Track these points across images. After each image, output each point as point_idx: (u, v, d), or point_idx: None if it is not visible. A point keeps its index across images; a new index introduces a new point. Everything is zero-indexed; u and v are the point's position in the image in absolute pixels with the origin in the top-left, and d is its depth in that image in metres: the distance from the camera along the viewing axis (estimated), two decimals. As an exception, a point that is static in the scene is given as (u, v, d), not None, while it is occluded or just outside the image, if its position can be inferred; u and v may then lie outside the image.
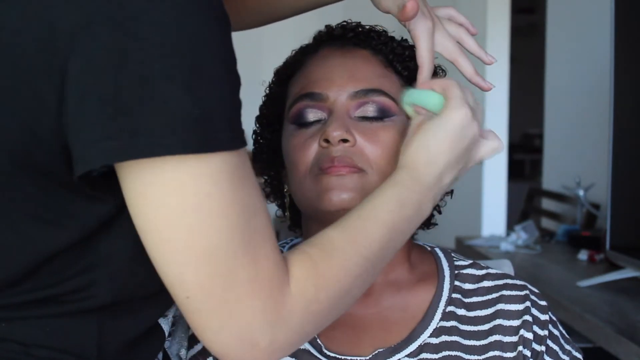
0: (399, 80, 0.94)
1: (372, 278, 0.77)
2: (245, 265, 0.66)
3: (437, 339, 0.90)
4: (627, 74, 1.91)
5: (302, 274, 0.70)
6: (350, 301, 0.75)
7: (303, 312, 0.69)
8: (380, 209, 0.78)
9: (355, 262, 0.74)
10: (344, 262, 0.73)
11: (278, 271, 0.68)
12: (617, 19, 1.92)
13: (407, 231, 0.81)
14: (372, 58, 0.95)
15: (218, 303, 0.66)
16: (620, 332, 1.60)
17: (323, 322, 0.74)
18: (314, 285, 0.70)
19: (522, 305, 0.93)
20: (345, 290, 0.73)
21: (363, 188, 0.87)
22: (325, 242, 0.75)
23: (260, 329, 0.67)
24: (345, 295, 0.73)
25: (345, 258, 0.73)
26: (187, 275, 0.65)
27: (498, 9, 3.10)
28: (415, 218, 0.81)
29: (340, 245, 0.74)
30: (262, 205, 0.70)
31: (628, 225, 1.93)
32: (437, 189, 0.82)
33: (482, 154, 0.85)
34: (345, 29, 0.98)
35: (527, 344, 0.91)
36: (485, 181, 3.14)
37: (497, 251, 2.49)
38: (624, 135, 1.92)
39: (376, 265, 0.77)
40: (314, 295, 0.70)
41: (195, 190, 0.63)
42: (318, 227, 0.92)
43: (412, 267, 0.96)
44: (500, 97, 3.12)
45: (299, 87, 0.94)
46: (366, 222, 0.77)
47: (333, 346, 0.89)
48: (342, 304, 0.74)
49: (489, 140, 0.86)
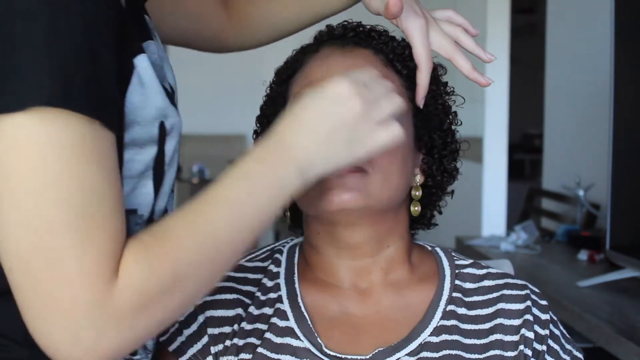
0: (399, 80, 0.94)
1: (224, 261, 0.72)
2: (71, 246, 0.63)
3: (437, 338, 0.90)
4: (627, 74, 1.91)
5: (131, 262, 0.66)
6: (195, 288, 0.71)
7: (132, 301, 0.65)
8: (223, 187, 0.72)
9: (193, 245, 0.69)
10: (178, 245, 0.68)
11: (109, 258, 0.65)
12: (617, 19, 1.92)
13: (264, 208, 0.73)
14: (373, 57, 0.95)
15: (37, 281, 0.63)
16: (620, 332, 1.60)
17: (160, 314, 0.68)
18: (142, 271, 0.66)
19: (522, 305, 0.93)
20: (182, 276, 0.68)
21: (365, 188, 0.87)
22: (162, 227, 0.70)
23: (82, 321, 0.64)
24: (182, 281, 0.69)
25: (180, 241, 0.69)
26: (8, 243, 0.63)
27: (498, 9, 3.10)
28: (274, 193, 0.73)
29: (176, 229, 0.70)
30: (113, 196, 0.67)
31: (628, 225, 1.93)
32: (304, 161, 0.74)
33: (378, 140, 0.77)
34: (346, 29, 0.98)
35: (529, 343, 0.91)
36: (485, 181, 3.14)
37: (497, 251, 2.49)
38: (624, 135, 1.92)
39: (225, 246, 0.71)
40: (143, 283, 0.66)
41: (30, 152, 0.62)
42: (319, 227, 0.93)
43: (412, 268, 0.96)
44: (500, 97, 3.12)
45: (299, 87, 0.94)
46: (207, 202, 0.72)
47: (333, 345, 0.89)
48: (181, 292, 0.69)
49: (388, 127, 0.77)
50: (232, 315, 0.92)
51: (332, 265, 0.94)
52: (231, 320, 0.91)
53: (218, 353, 0.90)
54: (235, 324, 0.91)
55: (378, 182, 0.88)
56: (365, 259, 0.93)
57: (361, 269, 0.94)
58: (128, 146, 0.75)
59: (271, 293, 0.94)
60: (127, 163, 0.75)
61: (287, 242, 1.02)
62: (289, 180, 0.74)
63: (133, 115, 0.74)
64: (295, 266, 0.97)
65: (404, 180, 0.92)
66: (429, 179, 0.98)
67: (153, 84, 0.76)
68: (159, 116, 0.77)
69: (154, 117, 0.76)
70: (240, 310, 0.92)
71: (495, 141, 3.13)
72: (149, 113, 0.76)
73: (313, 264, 0.96)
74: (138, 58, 0.75)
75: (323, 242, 0.94)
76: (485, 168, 3.13)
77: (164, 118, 0.78)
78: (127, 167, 0.75)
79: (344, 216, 0.88)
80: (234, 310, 0.92)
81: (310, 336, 0.89)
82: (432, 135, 0.96)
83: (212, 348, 0.90)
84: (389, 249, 0.94)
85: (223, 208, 0.72)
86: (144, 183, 0.79)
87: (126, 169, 0.75)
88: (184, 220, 0.71)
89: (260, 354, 0.88)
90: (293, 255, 0.98)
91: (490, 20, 3.10)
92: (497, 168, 3.14)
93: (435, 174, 0.98)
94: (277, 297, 0.93)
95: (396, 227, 0.95)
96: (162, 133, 0.78)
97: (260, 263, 0.98)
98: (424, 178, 0.97)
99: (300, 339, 0.89)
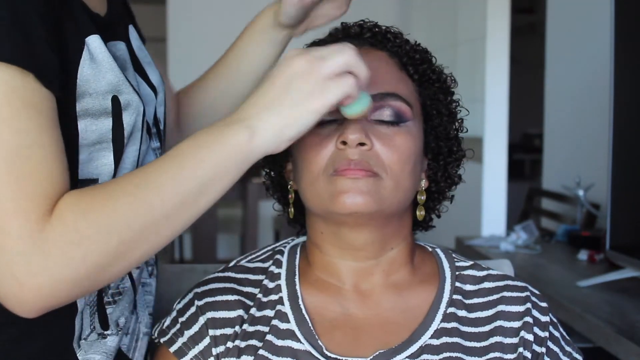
0: (412, 85, 0.94)
1: (169, 213, 0.75)
2: (5, 183, 0.70)
3: (438, 341, 0.90)
4: (627, 74, 1.91)
5: (64, 204, 0.72)
6: (134, 236, 0.74)
7: (62, 236, 0.70)
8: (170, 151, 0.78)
9: (131, 191, 0.74)
10: (116, 191, 0.74)
11: (43, 197, 0.71)
12: (617, 19, 1.92)
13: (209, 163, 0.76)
14: (389, 60, 0.95)
15: None
16: (620, 332, 1.60)
17: (96, 256, 0.72)
18: (73, 212, 0.71)
19: (522, 307, 0.93)
20: (117, 218, 0.72)
21: (377, 192, 0.87)
22: (106, 182, 0.78)
23: (16, 256, 0.69)
24: (118, 224, 0.72)
25: (118, 188, 0.74)
26: None
27: (498, 9, 3.10)
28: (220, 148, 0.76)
29: (117, 181, 0.76)
30: (49, 143, 0.73)
31: (628, 225, 1.93)
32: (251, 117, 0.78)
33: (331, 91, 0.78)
34: (363, 29, 0.98)
35: (528, 345, 0.91)
36: (485, 181, 3.14)
37: (497, 251, 2.49)
38: (624, 135, 1.92)
39: (168, 197, 0.74)
40: (75, 220, 0.71)
41: None
42: (324, 226, 0.93)
43: (414, 269, 0.96)
44: (500, 97, 3.12)
45: None
46: (153, 163, 0.77)
47: (334, 347, 0.89)
48: (118, 236, 0.72)
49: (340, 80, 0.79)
50: (233, 316, 0.92)
51: (334, 265, 0.94)
52: (232, 322, 0.91)
53: (219, 354, 0.90)
54: (236, 326, 0.91)
55: (390, 187, 0.88)
56: (368, 260, 0.93)
57: (363, 270, 0.94)
58: (81, 116, 0.81)
59: (272, 295, 0.94)
60: (82, 132, 0.81)
61: (288, 243, 1.02)
62: (236, 136, 0.77)
63: (85, 87, 0.81)
64: (297, 267, 0.97)
65: (414, 185, 0.93)
66: (432, 184, 0.98)
67: (105, 61, 0.84)
68: (112, 90, 0.84)
69: (105, 90, 0.83)
70: (242, 311, 0.92)
71: (495, 141, 3.13)
72: (99, 86, 0.82)
73: (315, 263, 0.96)
74: (90, 38, 0.83)
75: (326, 242, 0.94)
76: (485, 168, 3.13)
77: (117, 93, 0.84)
78: (83, 136, 0.82)
79: (353, 219, 0.88)
80: (235, 311, 0.92)
81: (311, 339, 0.89)
82: (439, 143, 0.97)
83: (214, 349, 0.90)
84: (392, 251, 0.94)
85: (163, 162, 0.76)
86: (103, 154, 0.84)
87: (82, 138, 0.81)
88: (126, 175, 0.77)
89: (261, 356, 0.88)
90: (294, 256, 0.98)
91: (490, 20, 3.10)
92: (497, 168, 3.15)
93: (440, 180, 0.98)
94: (278, 298, 0.93)
95: (400, 230, 0.95)
96: (117, 107, 0.84)
97: (261, 264, 0.98)
98: (428, 183, 0.97)
99: (301, 341, 0.89)
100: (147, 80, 0.97)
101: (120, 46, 0.92)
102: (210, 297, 0.93)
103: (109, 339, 0.90)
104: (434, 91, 0.96)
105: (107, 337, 0.90)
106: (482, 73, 3.12)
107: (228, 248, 4.45)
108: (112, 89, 0.84)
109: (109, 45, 0.88)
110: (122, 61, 0.91)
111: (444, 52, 3.51)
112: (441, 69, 0.99)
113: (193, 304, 0.93)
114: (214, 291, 0.94)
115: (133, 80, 0.91)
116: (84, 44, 0.82)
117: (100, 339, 0.90)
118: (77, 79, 0.80)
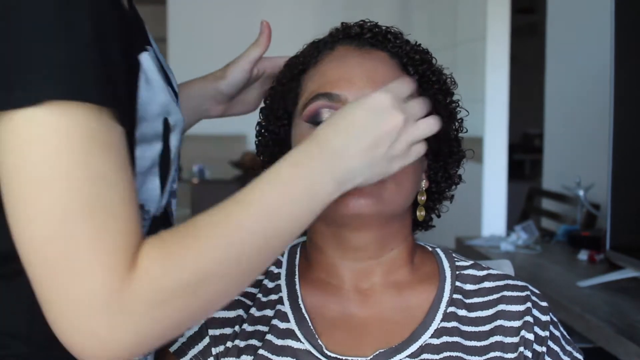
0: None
1: (250, 268, 0.70)
2: (85, 235, 0.62)
3: (438, 340, 0.90)
4: (627, 74, 1.91)
5: (149, 255, 0.65)
6: (217, 292, 0.68)
7: (148, 295, 0.64)
8: (255, 190, 0.71)
9: (217, 246, 0.67)
10: (201, 244, 0.67)
11: (125, 250, 0.64)
12: (617, 19, 1.92)
13: (296, 216, 0.71)
14: (390, 61, 0.94)
15: (53, 273, 0.62)
16: (620, 332, 1.60)
17: (178, 313, 0.66)
18: (162, 266, 0.65)
19: (523, 306, 0.93)
20: (203, 276, 0.66)
21: (380, 195, 0.87)
22: (184, 226, 0.69)
23: (97, 314, 0.62)
24: (203, 281, 0.66)
25: (203, 241, 0.67)
26: (24, 237, 0.63)
27: (498, 9, 3.10)
28: (307, 200, 0.72)
29: (200, 228, 0.68)
30: (124, 187, 0.66)
31: (628, 225, 1.93)
32: (344, 170, 0.74)
33: (409, 156, 0.79)
34: (363, 29, 0.97)
35: (528, 345, 0.91)
36: (485, 181, 3.14)
37: (497, 251, 2.49)
38: (624, 135, 1.92)
39: (252, 251, 0.69)
40: (160, 278, 0.64)
41: (43, 145, 0.63)
42: (324, 227, 0.93)
43: (414, 269, 0.96)
44: (500, 97, 3.12)
45: (315, 85, 0.93)
46: (237, 204, 0.70)
47: (334, 347, 0.89)
48: (203, 293, 0.67)
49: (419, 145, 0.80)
50: (233, 316, 0.92)
51: (334, 265, 0.94)
52: (232, 322, 0.91)
53: (219, 354, 0.90)
54: (236, 325, 0.91)
55: (393, 189, 0.88)
56: (369, 260, 0.93)
57: (363, 270, 0.94)
58: (139, 142, 0.75)
59: (272, 294, 0.94)
60: (139, 160, 0.76)
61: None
62: (325, 189, 0.73)
63: (141, 111, 0.75)
64: (296, 267, 0.97)
65: (415, 186, 0.93)
66: (432, 185, 0.98)
67: (157, 81, 0.77)
68: (163, 112, 0.78)
69: (158, 113, 0.77)
70: (241, 311, 0.92)
71: (495, 141, 3.13)
72: (154, 109, 0.77)
73: (314, 263, 0.96)
74: (142, 56, 0.76)
75: (326, 242, 0.94)
76: (485, 168, 3.13)
77: (167, 114, 0.79)
78: (139, 163, 0.76)
79: (356, 220, 0.88)
80: (235, 311, 0.92)
81: (311, 338, 0.89)
82: (439, 143, 0.97)
83: (214, 349, 0.90)
84: (393, 251, 0.94)
85: (252, 211, 0.69)
86: (151, 179, 0.79)
87: (138, 166, 0.76)
88: (209, 220, 0.69)
89: (261, 355, 0.88)
90: (294, 255, 0.98)
91: (490, 20, 3.10)
92: (497, 168, 3.14)
93: (440, 180, 0.98)
94: (277, 298, 0.93)
95: (401, 231, 0.95)
96: (167, 129, 0.79)
97: (261, 264, 0.98)
98: (428, 183, 0.97)
99: (301, 340, 0.89)
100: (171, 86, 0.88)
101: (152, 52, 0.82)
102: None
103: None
104: (434, 92, 0.96)
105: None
106: (482, 73, 3.12)
107: (228, 248, 4.44)
108: (163, 111, 0.78)
109: None
110: (162, 70, 0.83)
111: (444, 52, 3.51)
112: (441, 69, 0.99)
113: (193, 304, 0.93)
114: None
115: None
116: (139, 63, 0.75)
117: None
118: (137, 103, 0.74)
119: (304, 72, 0.97)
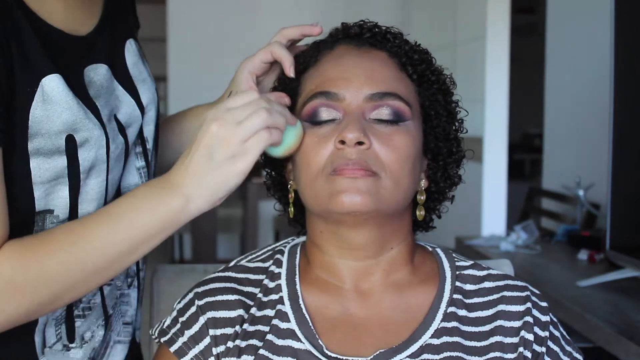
0: (411, 85, 0.95)
1: (97, 269, 0.83)
2: None
3: (438, 340, 0.90)
4: (627, 74, 1.91)
5: (3, 257, 0.80)
6: (63, 288, 0.82)
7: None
8: (110, 205, 0.86)
9: (66, 247, 0.81)
10: (51, 246, 0.81)
11: None
12: (617, 19, 1.92)
13: (144, 226, 0.84)
14: (389, 60, 0.95)
15: None
16: (620, 332, 1.60)
17: (22, 306, 0.80)
18: (11, 265, 0.79)
19: (523, 307, 0.93)
20: (49, 274, 0.81)
21: (376, 192, 0.87)
22: (46, 232, 0.84)
23: None
24: (46, 280, 0.81)
25: (54, 243, 0.82)
26: None
27: (498, 9, 3.10)
28: (156, 212, 0.84)
29: (55, 233, 0.83)
30: None
31: (628, 225, 1.93)
32: (185, 187, 0.84)
33: (250, 151, 0.84)
34: (362, 29, 0.98)
35: (528, 345, 0.91)
36: (485, 181, 3.14)
37: (497, 251, 2.49)
38: (624, 135, 1.92)
39: (99, 255, 0.83)
40: (9, 276, 0.79)
41: None
42: (323, 226, 0.93)
43: (414, 269, 0.97)
44: (500, 97, 3.12)
45: (314, 84, 0.94)
46: (92, 215, 0.85)
47: (334, 347, 0.89)
48: (49, 289, 0.81)
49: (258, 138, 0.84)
50: (233, 316, 0.92)
51: (334, 265, 0.94)
52: (233, 322, 0.91)
53: (220, 354, 0.90)
54: (237, 325, 0.91)
55: (389, 187, 0.88)
56: (368, 260, 0.94)
57: (363, 270, 0.94)
58: (33, 155, 0.85)
59: (272, 294, 0.94)
60: (35, 170, 0.86)
61: (288, 242, 1.02)
62: (172, 203, 0.84)
63: (36, 127, 0.85)
64: (297, 267, 0.97)
65: (413, 185, 0.93)
66: (432, 184, 0.98)
67: (63, 101, 0.86)
68: (67, 129, 0.87)
69: (59, 130, 0.86)
70: (242, 311, 0.92)
71: (495, 141, 3.13)
72: (52, 127, 0.86)
73: (315, 262, 0.96)
74: (46, 78, 0.85)
75: (326, 241, 0.94)
76: (485, 168, 3.13)
77: (72, 131, 0.87)
78: (37, 174, 0.86)
79: (352, 218, 0.89)
80: (236, 311, 0.92)
81: (311, 338, 0.89)
82: (439, 143, 0.97)
83: (214, 349, 0.90)
84: (392, 251, 0.94)
85: (101, 218, 0.84)
86: (59, 188, 0.89)
87: (35, 176, 0.86)
88: (66, 226, 0.84)
89: (261, 355, 0.88)
90: (294, 255, 0.98)
91: (490, 20, 3.10)
92: (497, 168, 3.15)
93: (439, 180, 0.98)
94: (278, 298, 0.93)
95: (400, 230, 0.95)
96: (72, 145, 0.88)
97: (262, 264, 0.98)
98: (428, 183, 0.97)
99: (301, 340, 0.89)
100: (137, 98, 1.00)
101: (100, 70, 0.94)
102: (210, 297, 0.93)
103: (72, 352, 0.94)
104: (433, 92, 0.96)
105: (70, 349, 0.94)
106: (482, 73, 3.12)
107: (228, 248, 4.45)
108: (67, 128, 0.87)
109: (86, 71, 0.91)
110: (98, 87, 0.93)
111: (443, 52, 3.51)
112: (441, 69, 0.99)
113: (193, 304, 0.93)
114: (214, 291, 0.94)
115: (105, 107, 0.93)
116: (38, 85, 0.85)
117: (65, 351, 0.94)
118: (29, 120, 0.84)
119: (304, 71, 0.97)
